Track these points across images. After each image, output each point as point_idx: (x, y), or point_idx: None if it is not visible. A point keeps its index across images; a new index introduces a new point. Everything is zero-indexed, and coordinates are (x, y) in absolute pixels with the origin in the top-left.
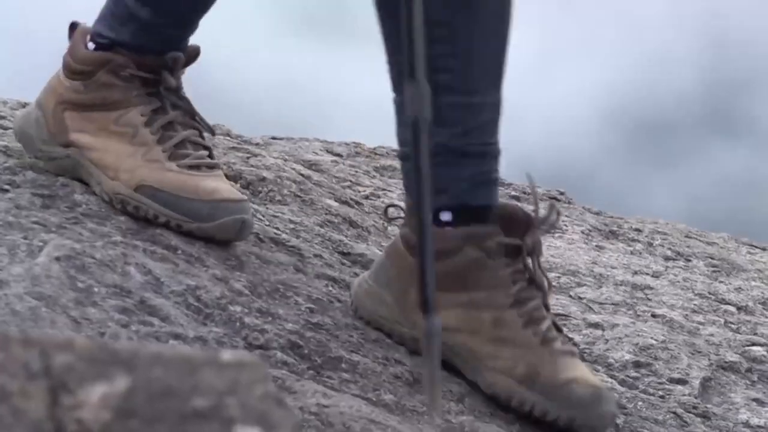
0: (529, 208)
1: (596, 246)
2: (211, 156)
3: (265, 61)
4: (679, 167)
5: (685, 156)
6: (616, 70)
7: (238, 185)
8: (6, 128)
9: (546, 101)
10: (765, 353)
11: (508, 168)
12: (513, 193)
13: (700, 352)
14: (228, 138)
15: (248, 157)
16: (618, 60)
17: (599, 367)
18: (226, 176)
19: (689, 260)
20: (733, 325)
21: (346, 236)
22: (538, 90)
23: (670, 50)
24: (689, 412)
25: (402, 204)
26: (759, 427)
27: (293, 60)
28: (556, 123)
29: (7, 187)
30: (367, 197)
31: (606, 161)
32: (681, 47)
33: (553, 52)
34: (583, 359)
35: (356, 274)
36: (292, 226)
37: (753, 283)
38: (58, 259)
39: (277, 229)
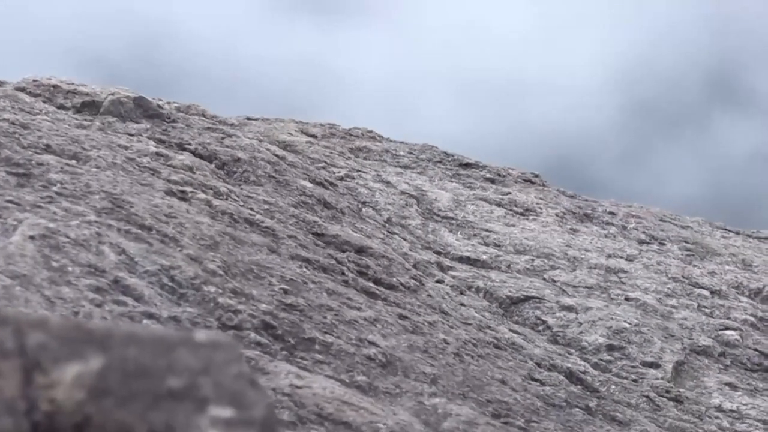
0: None
1: (570, 229)
2: None
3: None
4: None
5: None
6: (619, 42)
7: (213, 166)
8: None
9: (548, 71)
10: (738, 337)
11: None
12: (487, 175)
13: (673, 335)
14: (203, 118)
15: (223, 138)
16: (621, 32)
17: (572, 350)
18: (201, 156)
19: (663, 244)
20: (706, 309)
21: (320, 217)
22: (539, 59)
23: (674, 24)
24: (662, 396)
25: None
26: (731, 411)
27: (286, 38)
28: (558, 92)
29: None
30: (341, 178)
31: (608, 132)
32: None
33: (554, 23)
34: (557, 342)
35: (330, 256)
36: (266, 206)
37: (727, 267)
38: (32, 238)
39: (252, 209)
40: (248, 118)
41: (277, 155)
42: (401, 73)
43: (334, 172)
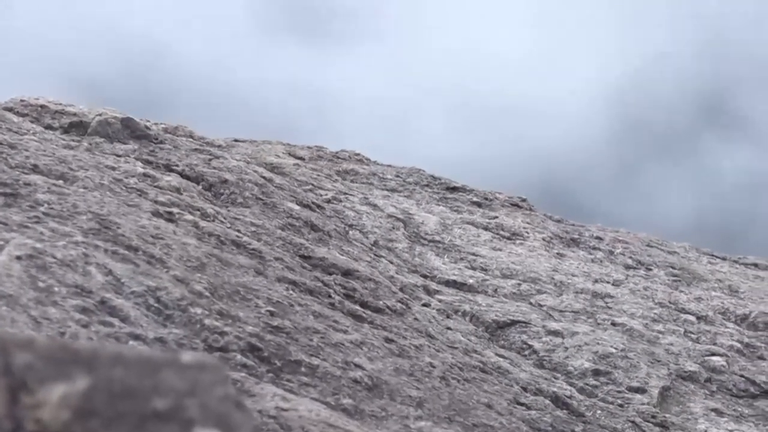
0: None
1: (557, 253)
2: None
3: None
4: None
5: (683, 151)
6: (612, 66)
7: (200, 187)
8: None
9: (541, 94)
10: (724, 363)
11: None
12: (474, 199)
13: (659, 361)
14: (190, 139)
15: (210, 159)
16: (618, 56)
17: (558, 375)
18: (188, 178)
19: (650, 269)
20: (692, 335)
21: (307, 240)
22: (532, 82)
23: (669, 48)
24: (648, 421)
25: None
26: None
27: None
28: (551, 115)
29: None
30: (328, 201)
31: (599, 155)
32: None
33: (548, 47)
34: (543, 366)
35: (317, 278)
36: (253, 228)
37: (713, 293)
38: (19, 258)
39: (239, 231)
40: (236, 140)
41: (264, 177)
42: (394, 95)
43: (321, 195)
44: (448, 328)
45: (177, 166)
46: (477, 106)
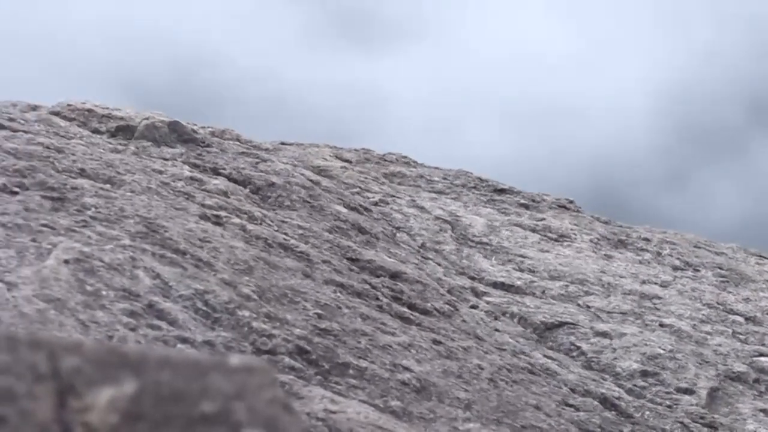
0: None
1: (605, 255)
2: None
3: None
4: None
5: (733, 152)
6: (661, 66)
7: (247, 190)
8: (15, 130)
9: (590, 95)
10: None
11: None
12: (522, 200)
13: (707, 362)
14: (237, 143)
15: (257, 162)
16: (666, 55)
17: (607, 376)
18: (235, 181)
19: (698, 270)
20: (741, 336)
21: (354, 242)
22: (581, 83)
23: (717, 47)
24: (696, 422)
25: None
26: None
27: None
28: (600, 116)
29: (16, 189)
30: (376, 203)
31: (650, 156)
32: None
33: (596, 47)
34: (591, 368)
35: (364, 281)
36: (300, 231)
37: (761, 294)
38: (66, 262)
39: (286, 234)
40: (283, 143)
41: (311, 180)
42: (441, 98)
43: (368, 197)
44: (496, 330)
45: (224, 169)
46: (524, 107)
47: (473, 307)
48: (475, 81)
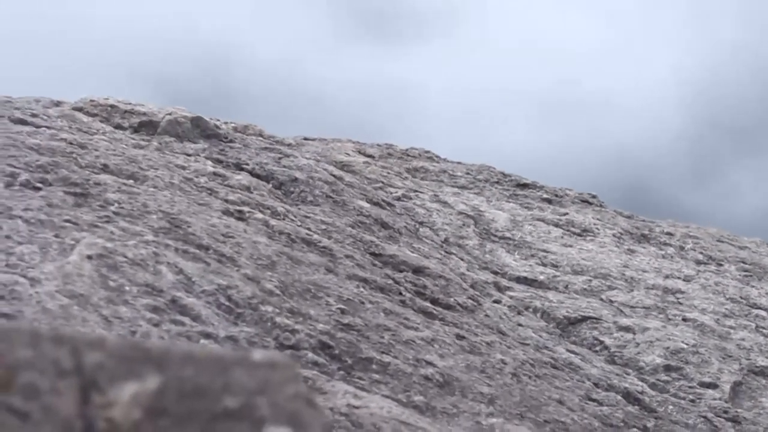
0: None
1: (628, 249)
2: None
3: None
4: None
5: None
6: (691, 57)
7: (270, 185)
8: (38, 126)
9: (618, 87)
10: None
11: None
12: (545, 195)
13: (731, 356)
14: (260, 138)
15: (280, 158)
16: (693, 48)
17: (630, 371)
18: (258, 176)
19: (721, 264)
20: (764, 330)
21: (377, 237)
22: (610, 76)
23: (745, 39)
24: (720, 417)
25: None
26: None
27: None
28: (629, 109)
29: (39, 185)
30: (399, 198)
31: (679, 148)
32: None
33: (624, 39)
34: (614, 362)
35: (387, 276)
36: (323, 226)
37: None
38: (89, 257)
39: (309, 229)
40: (306, 138)
41: (334, 175)
42: (467, 91)
43: (391, 193)
44: (519, 325)
45: (247, 164)
46: (551, 100)
47: (496, 301)
48: (502, 74)
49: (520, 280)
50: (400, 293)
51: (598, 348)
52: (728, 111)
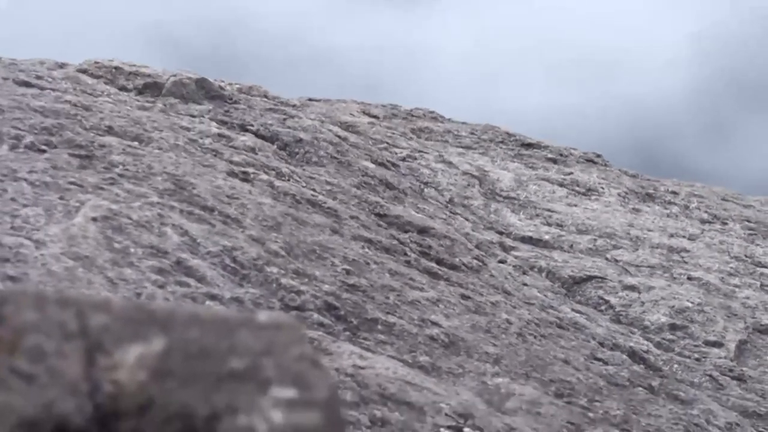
0: None
1: (633, 209)
2: None
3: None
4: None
5: None
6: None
7: (275, 147)
8: (43, 89)
9: (631, 46)
10: None
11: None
12: (549, 155)
13: (736, 314)
14: (265, 99)
15: (285, 119)
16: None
17: (635, 330)
18: (263, 138)
19: (726, 223)
20: None
21: (382, 198)
22: (620, 32)
23: None
24: (725, 375)
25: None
26: None
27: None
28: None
29: (44, 147)
30: (403, 159)
31: (691, 105)
32: None
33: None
34: (619, 321)
35: (392, 236)
36: (328, 187)
37: None
38: (94, 219)
39: (314, 190)
40: (310, 99)
41: (339, 136)
42: (477, 51)
43: (396, 153)
44: (525, 284)
45: (252, 126)
46: (562, 59)
47: (501, 261)
48: (511, 34)
49: (524, 239)
50: (405, 254)
51: (603, 307)
52: (740, 68)
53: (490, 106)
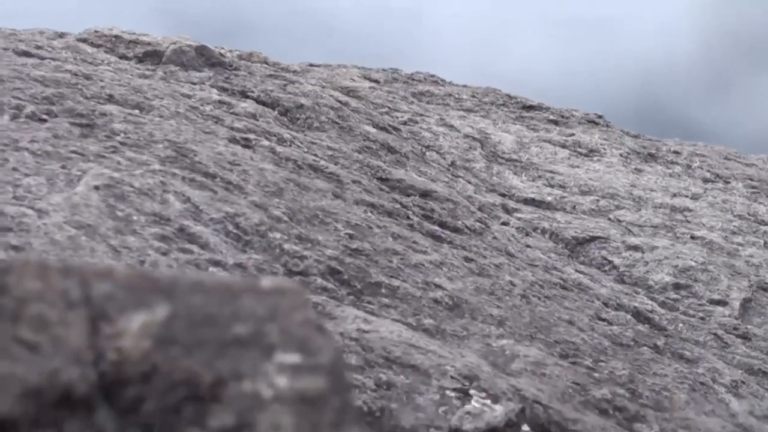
0: None
1: (635, 169)
2: None
3: None
4: None
5: None
6: None
7: (276, 112)
8: (43, 58)
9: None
10: None
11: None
12: (551, 117)
13: (740, 273)
14: (265, 65)
15: (285, 85)
16: None
17: (639, 290)
18: (264, 104)
19: (728, 182)
20: None
21: (384, 162)
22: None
23: None
24: (730, 333)
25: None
26: None
27: None
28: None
29: (44, 116)
30: (405, 123)
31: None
32: None
33: None
34: (623, 282)
35: (395, 200)
36: (330, 152)
37: None
38: (97, 188)
39: (316, 155)
40: (311, 65)
41: (340, 101)
42: (480, 12)
43: (397, 117)
44: (528, 246)
45: (252, 92)
46: (563, 17)
47: (504, 223)
48: None
49: (527, 201)
50: (408, 217)
51: (606, 268)
52: (745, 26)
53: (490, 70)
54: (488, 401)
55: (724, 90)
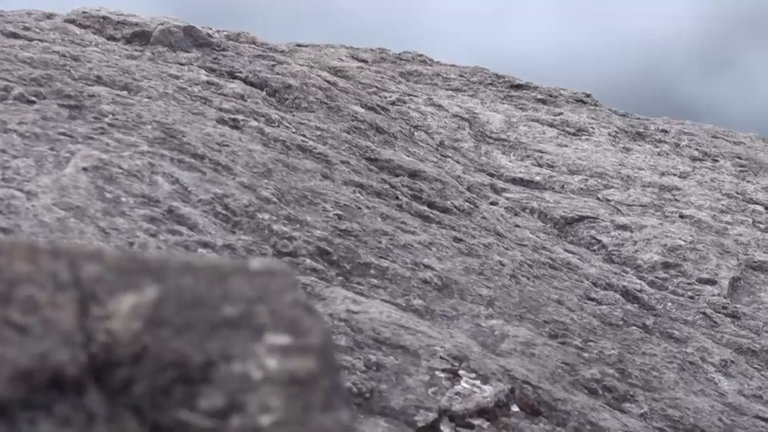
0: None
1: (623, 148)
2: None
3: None
4: None
5: None
6: None
7: (264, 93)
8: (31, 39)
9: None
10: None
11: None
12: (539, 96)
13: (728, 252)
14: (253, 46)
15: (273, 65)
16: None
17: (628, 269)
18: (252, 84)
19: (716, 160)
20: (761, 225)
21: (373, 142)
22: None
23: None
24: (719, 312)
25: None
26: None
27: None
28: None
29: (33, 98)
30: (393, 103)
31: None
32: None
33: None
34: (612, 261)
35: (384, 180)
36: (318, 133)
37: None
38: (85, 169)
39: (304, 136)
40: (299, 45)
41: (328, 81)
42: None
43: (385, 97)
44: (517, 226)
45: (240, 72)
46: None
47: (493, 203)
48: None
49: (516, 181)
50: (397, 197)
51: (595, 247)
52: (745, 1)
53: (488, 47)
54: (478, 382)
55: (720, 63)
